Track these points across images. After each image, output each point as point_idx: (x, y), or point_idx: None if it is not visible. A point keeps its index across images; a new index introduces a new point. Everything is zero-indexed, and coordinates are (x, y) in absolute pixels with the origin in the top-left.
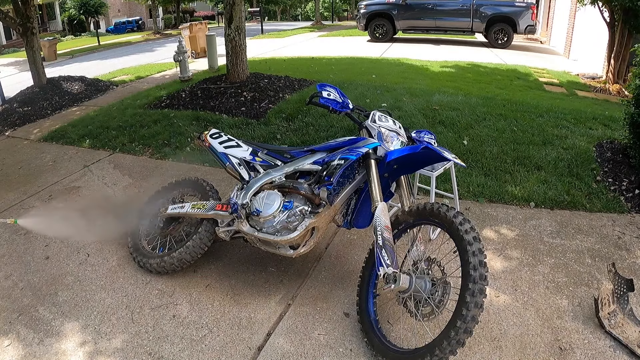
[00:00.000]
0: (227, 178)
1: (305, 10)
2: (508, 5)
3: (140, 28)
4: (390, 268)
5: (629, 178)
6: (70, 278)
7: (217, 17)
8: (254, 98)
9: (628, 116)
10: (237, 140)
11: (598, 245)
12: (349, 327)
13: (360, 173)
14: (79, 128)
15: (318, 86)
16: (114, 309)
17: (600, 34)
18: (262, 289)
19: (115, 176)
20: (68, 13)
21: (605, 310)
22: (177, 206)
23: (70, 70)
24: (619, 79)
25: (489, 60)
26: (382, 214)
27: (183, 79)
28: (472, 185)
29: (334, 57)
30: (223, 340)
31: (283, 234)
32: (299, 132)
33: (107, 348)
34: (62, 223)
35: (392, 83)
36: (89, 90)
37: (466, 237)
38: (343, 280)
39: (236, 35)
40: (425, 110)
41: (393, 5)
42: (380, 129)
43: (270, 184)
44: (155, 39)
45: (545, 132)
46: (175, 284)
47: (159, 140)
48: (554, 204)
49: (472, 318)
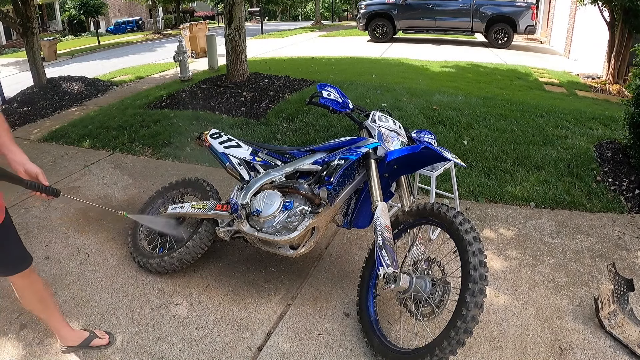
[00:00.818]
0: (227, 178)
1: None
2: (508, 5)
3: (140, 28)
4: (391, 268)
5: (629, 178)
6: (70, 278)
7: (217, 17)
8: (254, 98)
9: (628, 116)
10: (237, 140)
11: (598, 245)
12: (349, 327)
13: (360, 173)
14: (79, 128)
15: (318, 86)
16: (114, 309)
17: (601, 34)
18: (262, 289)
19: (115, 176)
20: (68, 13)
21: (605, 310)
22: (177, 206)
23: (70, 70)
24: (619, 79)
25: (489, 60)
26: (382, 214)
27: (183, 79)
28: (472, 185)
29: (334, 57)
30: (223, 340)
31: (283, 234)
32: (299, 132)
33: (107, 348)
34: (158, 220)
35: (392, 83)
36: (89, 90)
37: (466, 237)
38: (343, 280)
39: (236, 35)
40: (425, 110)
41: (393, 5)
42: (380, 129)
43: (271, 184)
44: (155, 39)
45: (545, 132)
46: (175, 284)
47: (159, 140)
48: (554, 204)
49: (472, 318)
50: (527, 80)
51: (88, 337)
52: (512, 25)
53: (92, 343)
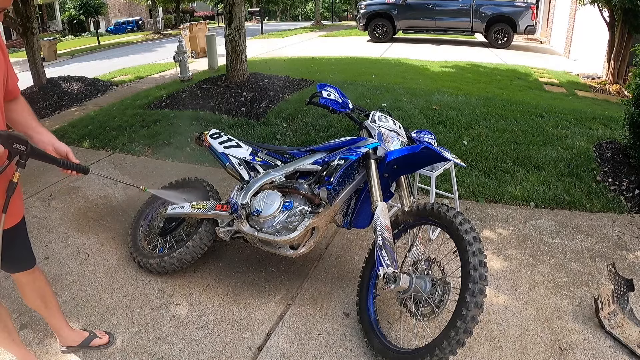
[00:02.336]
0: (227, 178)
1: (305, 10)
2: (508, 5)
3: (140, 28)
4: (390, 268)
5: (629, 178)
6: (70, 278)
7: (217, 17)
8: (254, 98)
9: (628, 116)
10: (237, 140)
11: (598, 245)
12: (349, 327)
13: (360, 173)
14: (78, 128)
15: (318, 86)
16: (114, 309)
17: (600, 34)
18: (262, 289)
19: (115, 176)
20: (68, 13)
21: (605, 310)
22: (177, 206)
23: (70, 71)
24: (619, 79)
25: (488, 60)
26: (382, 214)
27: (183, 79)
28: (472, 185)
29: (334, 57)
30: (223, 340)
31: (283, 234)
32: (299, 132)
33: (107, 348)
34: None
35: (392, 83)
36: (89, 90)
37: (466, 237)
38: (343, 280)
39: (236, 35)
40: (425, 110)
41: (393, 5)
42: (380, 129)
43: (270, 184)
44: (155, 39)
45: (545, 132)
46: (175, 284)
47: (159, 140)
48: (554, 204)
49: (472, 318)
50: (527, 80)
51: (88, 337)
52: (512, 25)
53: (92, 343)
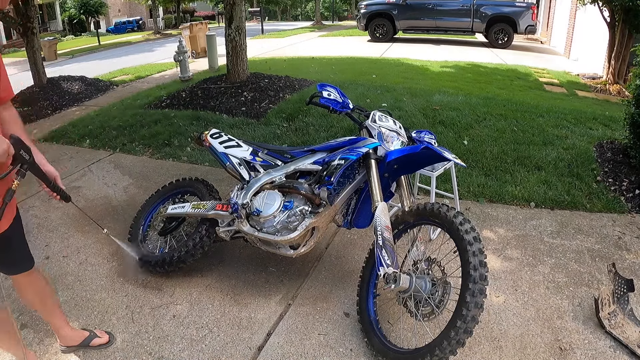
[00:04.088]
0: (227, 178)
1: (306, 10)
2: (508, 5)
3: (140, 28)
4: (391, 268)
5: (629, 178)
6: (70, 278)
7: (217, 17)
8: (254, 98)
9: (628, 116)
10: (238, 140)
11: (598, 245)
12: (349, 327)
13: (361, 173)
14: (79, 128)
15: (318, 86)
16: (114, 308)
17: (601, 34)
18: (262, 289)
19: (115, 176)
20: (68, 13)
21: (605, 310)
22: (178, 206)
23: (71, 70)
24: (619, 79)
25: (489, 60)
26: (383, 214)
27: (183, 79)
28: (472, 185)
29: (334, 57)
30: (223, 340)
31: (283, 234)
32: (299, 132)
33: (107, 348)
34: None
35: (393, 83)
36: (89, 90)
37: (466, 237)
38: (343, 280)
39: (236, 35)
40: (425, 110)
41: (393, 5)
42: (380, 129)
43: (271, 184)
44: (155, 39)
45: (545, 132)
46: (175, 284)
47: (160, 140)
48: (554, 204)
49: (472, 318)
50: (527, 81)
51: (88, 336)
52: (513, 26)
53: (92, 343)
